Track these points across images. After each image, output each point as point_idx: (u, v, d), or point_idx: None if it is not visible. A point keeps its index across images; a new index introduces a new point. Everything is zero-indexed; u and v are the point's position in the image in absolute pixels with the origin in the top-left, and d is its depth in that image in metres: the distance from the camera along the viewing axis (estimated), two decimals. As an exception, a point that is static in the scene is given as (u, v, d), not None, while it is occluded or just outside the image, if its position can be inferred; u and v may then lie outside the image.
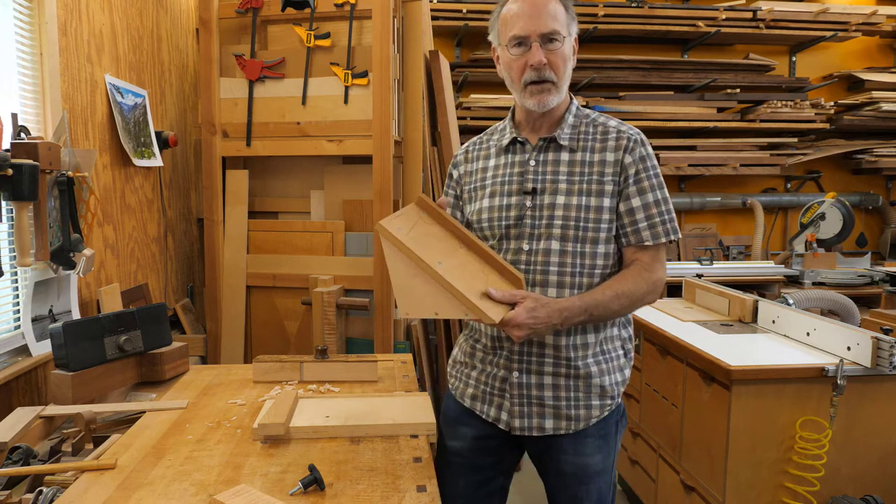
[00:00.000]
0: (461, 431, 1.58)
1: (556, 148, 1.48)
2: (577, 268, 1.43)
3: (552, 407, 1.47)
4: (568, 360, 1.45)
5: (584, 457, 1.49)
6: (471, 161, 1.61)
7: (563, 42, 1.42)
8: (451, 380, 1.65)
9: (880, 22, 4.81)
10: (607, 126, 1.48)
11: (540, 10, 1.39)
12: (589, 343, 1.46)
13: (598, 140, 1.46)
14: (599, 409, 1.48)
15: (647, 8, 4.63)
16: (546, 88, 1.43)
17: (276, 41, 3.02)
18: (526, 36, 1.40)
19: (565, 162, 1.46)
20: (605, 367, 1.48)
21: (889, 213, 5.19)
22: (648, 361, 2.63)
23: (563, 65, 1.43)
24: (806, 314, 2.27)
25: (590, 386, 1.47)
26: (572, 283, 1.43)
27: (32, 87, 2.03)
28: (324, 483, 1.22)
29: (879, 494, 1.98)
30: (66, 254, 1.98)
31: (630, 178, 1.43)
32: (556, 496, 1.56)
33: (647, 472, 2.63)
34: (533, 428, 1.48)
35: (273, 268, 3.02)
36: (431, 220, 1.39)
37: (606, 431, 1.51)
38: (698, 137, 4.89)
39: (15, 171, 1.71)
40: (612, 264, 1.47)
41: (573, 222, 1.42)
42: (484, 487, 1.59)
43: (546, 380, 1.46)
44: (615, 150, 1.44)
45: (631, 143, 1.44)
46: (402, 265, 1.30)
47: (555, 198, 1.44)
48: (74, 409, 1.58)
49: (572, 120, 1.49)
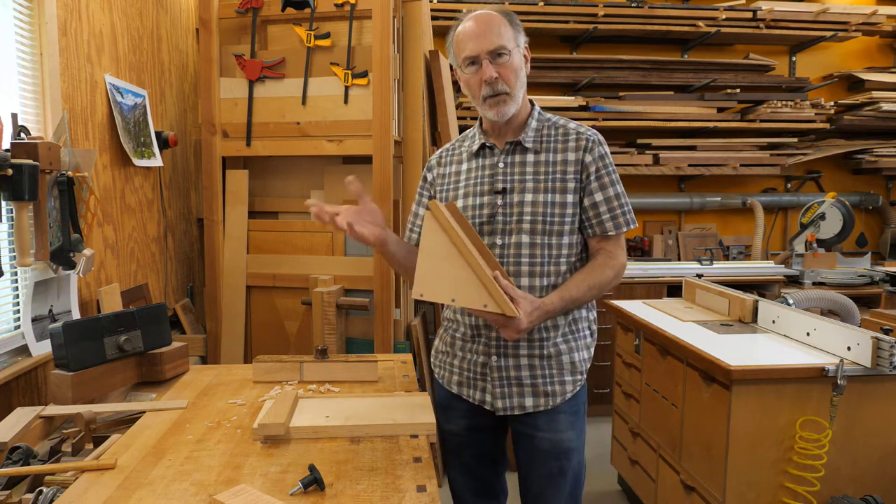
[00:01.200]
0: (453, 415, 1.73)
1: (521, 150, 1.62)
2: (545, 258, 1.57)
3: (530, 385, 1.61)
4: (541, 342, 1.60)
5: (559, 433, 1.63)
6: (444, 165, 1.75)
7: (511, 55, 1.54)
8: (436, 369, 1.79)
9: (880, 22, 4.80)
10: (567, 128, 1.62)
11: (485, 31, 1.53)
12: (559, 325, 1.61)
13: (560, 141, 1.61)
14: (572, 384, 1.63)
15: (647, 8, 4.63)
16: (502, 100, 1.56)
17: (276, 41, 3.02)
18: (476, 55, 1.54)
19: (531, 163, 1.60)
20: (573, 345, 1.64)
21: (889, 213, 5.19)
22: (648, 361, 2.63)
23: (513, 75, 1.55)
24: (806, 314, 2.27)
25: (561, 364, 1.62)
26: (542, 272, 1.57)
27: (32, 87, 2.03)
28: (324, 483, 1.22)
29: (879, 494, 1.98)
30: (66, 254, 1.98)
31: (591, 175, 1.58)
32: (532, 476, 1.67)
33: (647, 472, 2.63)
34: (514, 407, 1.62)
35: (273, 268, 3.02)
36: (457, 222, 1.44)
37: (577, 409, 1.66)
38: (698, 137, 4.88)
39: (15, 171, 1.71)
40: (576, 252, 1.61)
41: (541, 217, 1.56)
42: (485, 458, 1.77)
43: (522, 361, 1.61)
44: (576, 150, 1.58)
45: (590, 143, 1.59)
46: (439, 246, 1.36)
47: (523, 196, 1.58)
48: (74, 409, 1.58)
49: (535, 124, 1.63)
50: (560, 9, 4.50)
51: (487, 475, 1.79)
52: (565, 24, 4.53)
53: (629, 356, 2.85)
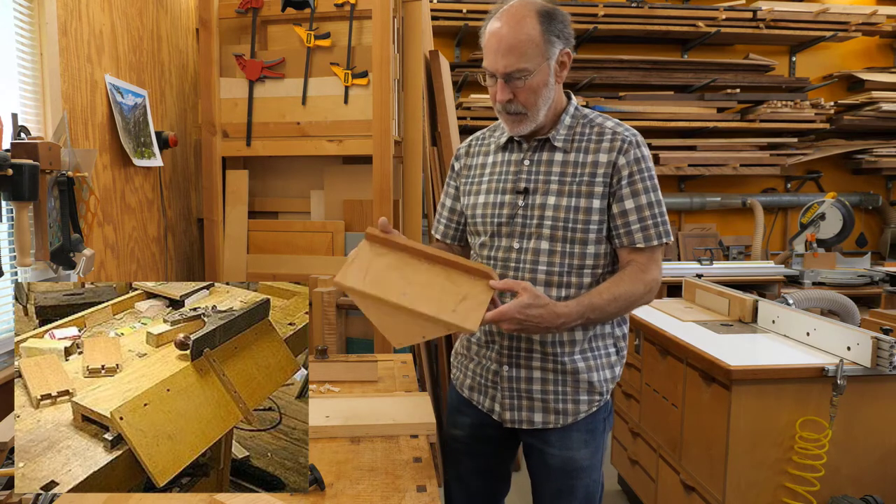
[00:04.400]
0: (461, 420, 1.64)
1: (549, 148, 1.49)
2: (565, 267, 1.45)
3: (541, 401, 1.50)
4: (554, 356, 1.48)
5: (570, 451, 1.52)
6: (472, 156, 1.63)
7: (532, 75, 1.39)
8: (454, 370, 1.70)
9: (880, 22, 4.81)
10: (604, 127, 1.48)
11: (506, 48, 1.37)
12: (576, 340, 1.48)
13: (594, 141, 1.47)
14: (587, 404, 1.51)
15: (647, 8, 4.63)
16: (517, 119, 1.45)
17: (276, 41, 3.02)
18: (493, 72, 1.41)
19: (558, 163, 1.47)
20: (593, 363, 1.50)
21: (889, 213, 5.19)
22: (648, 361, 2.63)
23: (532, 96, 1.41)
24: (806, 314, 2.27)
25: (577, 381, 1.49)
26: (560, 283, 1.45)
27: (32, 87, 2.03)
28: (324, 483, 1.22)
29: (879, 494, 1.97)
30: (66, 254, 1.98)
31: (623, 179, 1.44)
32: (541, 490, 1.60)
33: (647, 472, 2.64)
34: (523, 421, 1.52)
35: (273, 268, 3.02)
36: (386, 249, 1.40)
37: (593, 427, 1.54)
38: (698, 137, 4.89)
39: (15, 171, 1.71)
40: (605, 264, 1.48)
41: (562, 223, 1.44)
42: (485, 471, 1.66)
43: (535, 374, 1.50)
44: (609, 152, 1.44)
45: (626, 144, 1.44)
46: (374, 309, 1.33)
47: (546, 198, 1.46)
48: (74, 409, 1.57)
49: (569, 121, 1.50)
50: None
51: (484, 491, 1.68)
52: (565, 24, 4.53)
53: (629, 356, 2.84)
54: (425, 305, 1.29)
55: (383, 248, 1.40)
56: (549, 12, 1.40)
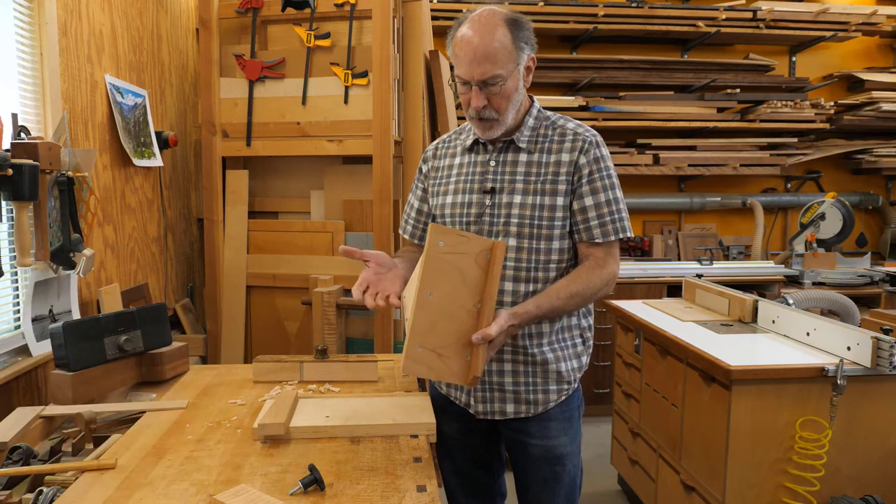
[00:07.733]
0: (446, 417, 1.69)
1: (514, 149, 1.56)
2: (532, 263, 1.52)
3: (512, 392, 1.57)
4: (524, 349, 1.55)
5: (551, 440, 1.60)
6: (439, 157, 1.70)
7: (505, 81, 1.46)
8: None
9: (880, 22, 4.80)
10: (565, 128, 1.56)
11: (481, 56, 1.43)
12: (544, 332, 1.56)
13: (556, 142, 1.55)
14: (557, 393, 1.59)
15: (647, 8, 4.63)
16: (488, 125, 1.51)
17: (276, 41, 3.02)
18: (467, 80, 1.47)
19: (523, 163, 1.54)
20: (560, 353, 1.58)
21: (889, 213, 5.19)
22: (648, 361, 2.63)
23: (505, 102, 1.48)
24: (806, 314, 2.27)
25: (547, 372, 1.57)
26: (527, 278, 1.53)
27: (32, 87, 2.03)
28: (324, 483, 1.22)
29: (879, 494, 1.98)
30: (66, 254, 1.98)
31: (584, 177, 1.52)
32: (528, 481, 1.65)
33: (647, 472, 2.63)
34: (495, 412, 1.60)
35: (273, 268, 3.02)
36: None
37: (570, 415, 1.62)
38: (698, 137, 4.88)
39: (15, 171, 1.71)
40: (567, 258, 1.56)
41: (528, 220, 1.51)
42: (479, 462, 1.74)
43: (506, 367, 1.56)
44: (571, 152, 1.52)
45: (586, 144, 1.52)
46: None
47: (512, 197, 1.53)
48: (74, 409, 1.58)
49: (532, 122, 1.57)
50: (560, 9, 4.50)
51: (481, 478, 1.77)
52: (565, 24, 4.53)
53: (629, 356, 2.85)
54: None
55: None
56: (515, 20, 1.48)
